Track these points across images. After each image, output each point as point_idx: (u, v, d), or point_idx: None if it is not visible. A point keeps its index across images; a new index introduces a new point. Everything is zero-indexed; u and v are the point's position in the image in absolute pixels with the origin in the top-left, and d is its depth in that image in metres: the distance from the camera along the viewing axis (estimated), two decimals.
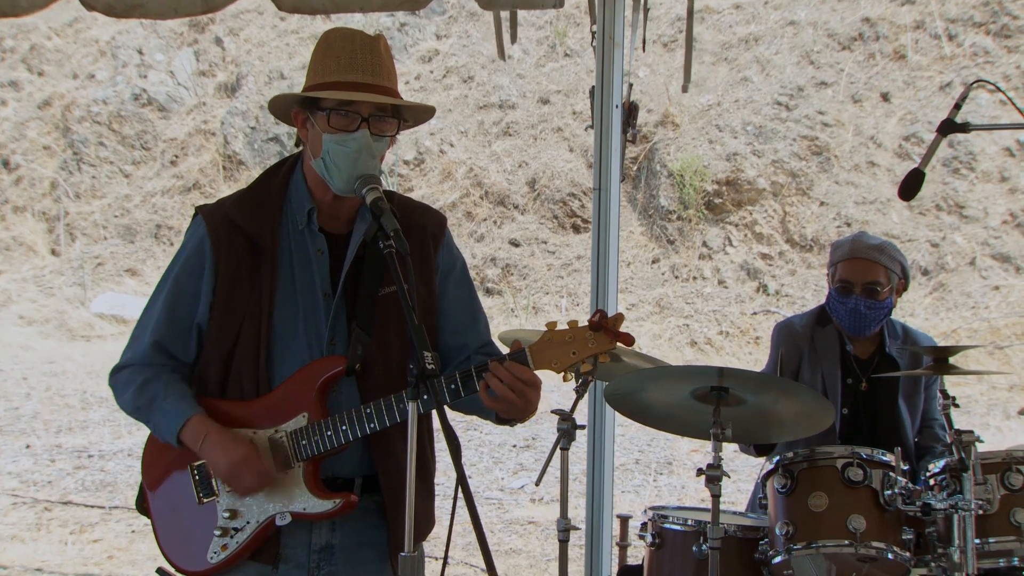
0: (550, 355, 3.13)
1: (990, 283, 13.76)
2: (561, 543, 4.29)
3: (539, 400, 3.18)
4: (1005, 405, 11.70)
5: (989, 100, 14.31)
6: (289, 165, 3.42)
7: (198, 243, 3.34)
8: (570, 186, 15.99)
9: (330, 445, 3.20)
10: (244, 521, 3.26)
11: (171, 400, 3.28)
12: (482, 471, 9.92)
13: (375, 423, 3.18)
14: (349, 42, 3.24)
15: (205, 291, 3.30)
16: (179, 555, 3.34)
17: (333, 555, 3.32)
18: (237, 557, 3.26)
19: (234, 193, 3.48)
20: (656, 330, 14.19)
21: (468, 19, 18.41)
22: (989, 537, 4.13)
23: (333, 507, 3.22)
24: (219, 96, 18.85)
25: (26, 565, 7.80)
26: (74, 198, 18.20)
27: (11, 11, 5.07)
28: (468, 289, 3.50)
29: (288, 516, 3.23)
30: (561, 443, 4.21)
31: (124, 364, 3.39)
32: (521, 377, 3.10)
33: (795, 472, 4.17)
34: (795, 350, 4.96)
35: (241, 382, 3.28)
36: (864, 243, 4.88)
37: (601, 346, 3.12)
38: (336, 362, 3.24)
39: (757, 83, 16.07)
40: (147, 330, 3.36)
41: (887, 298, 4.82)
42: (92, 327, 15.97)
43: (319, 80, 3.22)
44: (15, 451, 10.64)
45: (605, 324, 3.11)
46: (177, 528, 3.34)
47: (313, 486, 3.23)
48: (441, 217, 3.50)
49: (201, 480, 3.30)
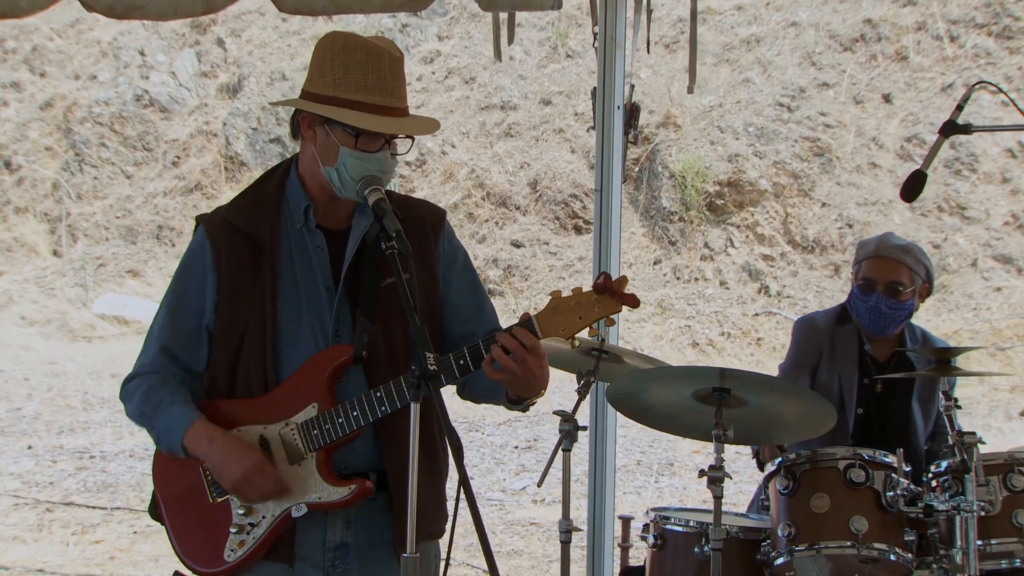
0: (557, 322, 3.14)
1: (992, 284, 13.76)
2: (563, 544, 4.29)
3: (545, 372, 3.18)
4: (1007, 406, 11.69)
5: (991, 101, 14.30)
6: (284, 168, 3.43)
7: (198, 248, 3.36)
8: (572, 187, 15.98)
9: (342, 432, 3.20)
10: (260, 516, 3.26)
11: (176, 408, 3.29)
12: (484, 472, 9.92)
13: (386, 406, 3.18)
14: (375, 60, 3.21)
15: (209, 293, 3.32)
16: (197, 557, 3.34)
17: (348, 553, 3.32)
18: (254, 554, 3.27)
19: (231, 200, 3.49)
20: (658, 331, 14.19)
21: (470, 20, 18.40)
22: (991, 538, 4.12)
23: (349, 494, 3.22)
24: (221, 97, 18.85)
25: (27, 566, 7.81)
26: (76, 199, 18.20)
27: (11, 12, 5.08)
28: (472, 278, 3.51)
29: (304, 507, 3.23)
30: (563, 444, 4.21)
31: (134, 375, 3.42)
32: (524, 342, 3.10)
33: (797, 473, 4.17)
34: (815, 347, 4.94)
35: (249, 381, 3.30)
36: (890, 243, 4.87)
37: (607, 309, 3.12)
38: (343, 351, 3.25)
39: (759, 84, 16.06)
40: (154, 340, 3.38)
41: (909, 300, 4.80)
42: (94, 328, 15.98)
43: (342, 95, 3.19)
44: (17, 452, 10.64)
45: (610, 286, 3.11)
46: (192, 530, 3.35)
47: (327, 475, 3.23)
48: (439, 210, 3.51)
49: (213, 479, 3.30)
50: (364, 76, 3.19)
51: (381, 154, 3.21)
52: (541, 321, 3.14)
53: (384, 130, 3.18)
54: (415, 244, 3.25)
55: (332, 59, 3.23)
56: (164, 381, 3.34)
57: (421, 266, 3.32)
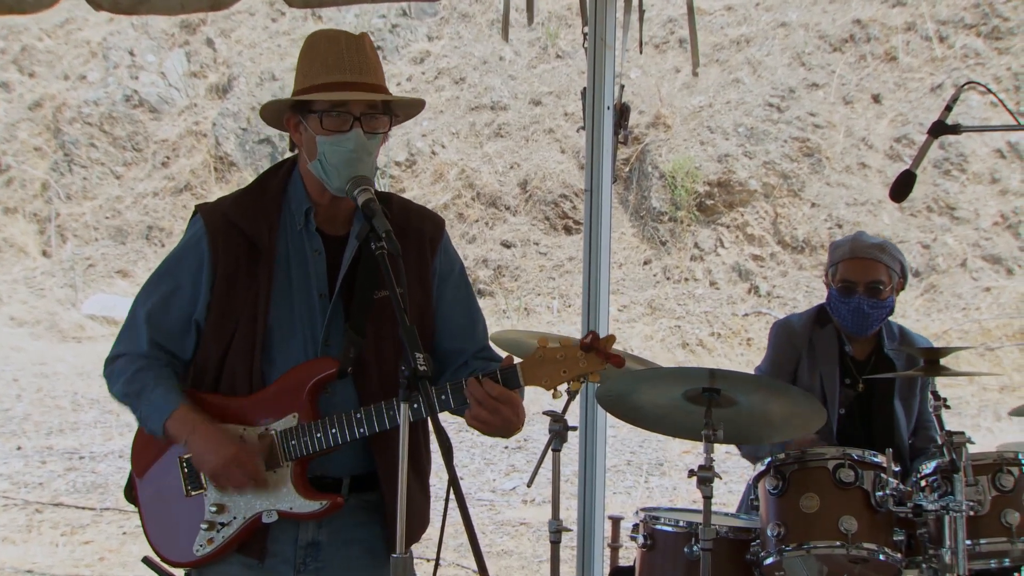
0: (541, 372, 3.16)
1: (981, 284, 13.79)
2: (553, 544, 4.30)
3: (519, 416, 3.18)
4: (996, 406, 11.72)
5: (980, 102, 14.34)
6: (288, 167, 3.43)
7: (196, 241, 3.35)
8: (562, 187, 15.99)
9: (319, 447, 3.22)
10: (231, 516, 3.28)
11: (160, 391, 3.29)
12: (474, 472, 9.92)
13: (364, 428, 3.19)
14: (334, 43, 3.25)
15: (203, 289, 3.31)
16: (165, 545, 3.37)
17: (320, 551, 3.33)
18: (223, 550, 3.29)
19: (233, 192, 3.49)
20: (648, 331, 14.20)
21: (460, 20, 18.41)
22: (980, 538, 4.14)
23: (320, 508, 3.24)
24: (210, 97, 18.83)
25: (17, 567, 7.79)
26: (65, 199, 18.17)
27: (18, 8, 5.07)
28: (466, 292, 3.50)
29: (275, 514, 3.26)
30: (553, 444, 4.22)
31: (119, 354, 3.40)
32: (492, 394, 3.11)
33: (786, 473, 4.17)
34: (793, 351, 4.95)
35: (234, 380, 3.29)
36: (864, 242, 4.88)
37: (591, 366, 3.16)
38: (327, 364, 3.25)
39: (748, 85, 16.08)
40: (142, 323, 3.37)
41: (889, 297, 4.82)
42: (83, 328, 15.95)
43: (307, 83, 3.24)
44: (6, 452, 10.62)
45: (596, 345, 3.15)
46: (164, 519, 3.37)
47: (300, 486, 3.25)
48: (439, 220, 3.50)
49: (190, 473, 3.32)
50: (324, 60, 3.23)
51: (352, 133, 3.19)
52: (525, 370, 3.16)
53: (338, 98, 3.18)
54: (412, 257, 3.28)
55: (302, 57, 3.29)
56: (150, 364, 3.34)
57: (416, 279, 3.32)
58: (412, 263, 3.29)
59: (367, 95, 3.21)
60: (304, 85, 3.25)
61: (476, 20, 18.23)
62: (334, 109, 3.20)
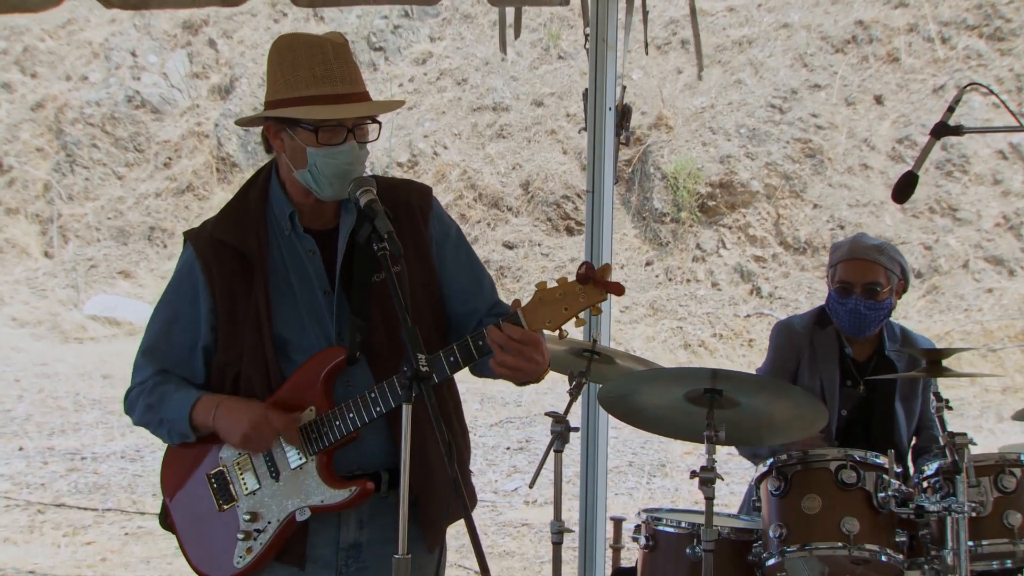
0: (543, 314, 3.12)
1: (983, 285, 13.78)
2: (555, 545, 4.30)
3: (545, 357, 3.18)
4: (998, 407, 11.71)
5: (982, 103, 14.33)
6: (264, 175, 3.42)
7: (189, 269, 3.36)
8: (564, 188, 15.99)
9: (340, 434, 3.21)
10: (265, 522, 3.28)
11: (180, 393, 3.33)
12: (475, 473, 9.89)
13: (380, 406, 3.18)
14: (319, 51, 3.20)
15: (204, 314, 3.33)
16: (207, 564, 3.37)
17: (361, 553, 3.33)
18: (263, 559, 3.29)
19: (217, 213, 3.48)
20: (649, 332, 14.20)
21: (462, 21, 18.41)
22: (982, 539, 4.13)
23: (349, 495, 3.22)
24: (212, 98, 18.84)
25: (19, 567, 7.79)
26: (67, 200, 18.18)
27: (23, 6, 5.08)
28: (467, 253, 3.49)
29: (307, 511, 3.24)
30: (555, 445, 4.21)
31: (133, 386, 3.43)
32: (514, 336, 3.10)
33: (788, 474, 4.17)
34: (794, 352, 4.95)
35: (252, 388, 3.30)
36: (863, 244, 4.88)
37: (592, 298, 3.11)
38: (335, 353, 3.24)
39: (750, 85, 16.08)
40: (149, 358, 3.40)
41: (887, 299, 4.81)
42: (85, 329, 15.96)
43: (295, 94, 3.19)
44: (8, 453, 10.63)
45: (593, 275, 3.09)
46: (202, 538, 3.38)
47: (328, 478, 3.24)
48: (425, 189, 3.47)
49: (219, 488, 3.33)
50: (311, 69, 3.18)
51: (347, 145, 3.18)
52: (527, 314, 3.13)
53: (339, 115, 3.16)
54: (406, 230, 3.27)
55: (280, 62, 3.24)
56: (166, 379, 3.37)
57: (414, 252, 3.31)
58: (408, 238, 3.27)
59: (367, 110, 3.21)
60: (289, 95, 3.19)
61: (478, 21, 18.24)
62: (329, 123, 3.17)
